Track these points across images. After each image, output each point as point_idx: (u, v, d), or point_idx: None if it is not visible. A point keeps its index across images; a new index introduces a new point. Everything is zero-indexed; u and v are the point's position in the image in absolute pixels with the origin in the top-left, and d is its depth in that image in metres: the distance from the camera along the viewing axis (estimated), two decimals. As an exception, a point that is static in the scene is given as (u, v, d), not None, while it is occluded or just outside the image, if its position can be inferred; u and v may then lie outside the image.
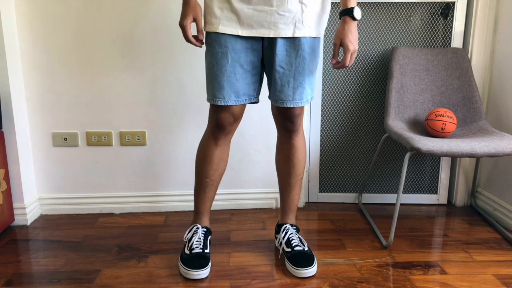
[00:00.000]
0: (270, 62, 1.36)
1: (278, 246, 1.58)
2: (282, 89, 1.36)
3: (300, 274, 1.43)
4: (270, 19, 1.29)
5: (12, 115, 1.78)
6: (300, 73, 1.35)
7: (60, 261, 1.55)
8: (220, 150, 1.49)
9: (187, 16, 1.33)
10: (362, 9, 1.96)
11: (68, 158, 1.96)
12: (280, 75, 1.35)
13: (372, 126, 2.07)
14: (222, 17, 1.31)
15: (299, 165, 1.52)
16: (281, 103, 1.38)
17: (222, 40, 1.32)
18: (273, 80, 1.37)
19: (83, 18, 1.83)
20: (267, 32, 1.31)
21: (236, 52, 1.33)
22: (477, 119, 1.84)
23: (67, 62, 1.87)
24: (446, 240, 1.73)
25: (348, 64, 1.32)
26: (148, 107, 1.93)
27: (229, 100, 1.36)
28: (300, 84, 1.36)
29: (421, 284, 1.39)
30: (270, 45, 1.34)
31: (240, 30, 1.31)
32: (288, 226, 1.57)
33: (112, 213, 2.01)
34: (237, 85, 1.36)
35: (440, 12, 1.97)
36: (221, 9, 1.31)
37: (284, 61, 1.33)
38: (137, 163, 1.98)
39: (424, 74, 1.92)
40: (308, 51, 1.34)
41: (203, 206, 1.56)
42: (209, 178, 1.51)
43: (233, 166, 2.02)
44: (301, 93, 1.37)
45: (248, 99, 1.40)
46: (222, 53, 1.33)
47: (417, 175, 2.12)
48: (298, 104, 1.38)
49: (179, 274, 1.45)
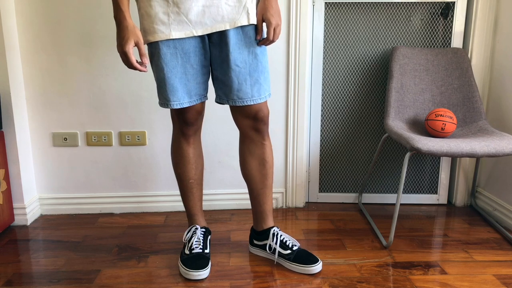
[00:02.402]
0: (222, 62, 1.33)
1: (270, 253, 1.53)
2: (241, 88, 1.33)
3: (310, 271, 1.43)
4: (222, 12, 1.27)
5: (12, 115, 1.79)
6: (255, 69, 1.33)
7: (60, 261, 1.55)
8: (194, 148, 1.48)
9: (129, 41, 1.23)
10: (362, 9, 1.96)
11: (68, 158, 1.96)
12: (236, 73, 1.32)
13: (372, 126, 2.07)
14: (172, 22, 1.26)
15: (272, 163, 1.49)
16: (240, 101, 1.35)
17: (170, 42, 1.29)
18: (228, 80, 1.33)
19: (83, 18, 1.83)
20: (222, 25, 1.28)
21: (185, 53, 1.30)
22: (477, 119, 1.84)
23: (67, 62, 1.87)
24: (446, 240, 1.73)
25: (273, 38, 1.30)
26: (148, 107, 1.93)
27: (184, 102, 1.34)
28: (257, 80, 1.34)
29: (421, 284, 1.39)
30: (220, 42, 1.31)
31: (194, 31, 1.28)
32: (276, 229, 1.53)
33: (112, 213, 2.01)
34: (189, 85, 1.34)
35: (440, 12, 1.97)
36: (167, 14, 1.26)
37: (239, 59, 1.31)
38: (137, 163, 1.98)
39: (424, 74, 1.92)
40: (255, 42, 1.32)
41: (195, 208, 1.55)
42: (192, 178, 1.50)
43: (233, 166, 2.02)
44: (259, 89, 1.35)
45: (199, 99, 1.38)
46: (172, 54, 1.29)
47: (417, 175, 2.12)
48: (257, 101, 1.36)
49: (179, 274, 1.45)
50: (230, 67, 1.31)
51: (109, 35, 1.85)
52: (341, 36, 1.98)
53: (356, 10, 1.96)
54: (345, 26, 1.97)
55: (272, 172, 1.51)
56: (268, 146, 1.48)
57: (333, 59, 2.00)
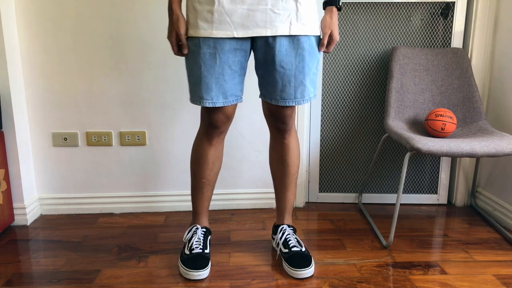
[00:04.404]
0: (267, 62, 1.35)
1: (275, 247, 1.58)
2: (284, 89, 1.36)
3: (297, 275, 1.42)
4: (266, 18, 1.28)
5: (12, 115, 1.79)
6: (301, 71, 1.34)
7: (60, 261, 1.55)
8: (215, 149, 1.49)
9: (172, 32, 1.33)
10: (362, 9, 1.96)
11: (68, 158, 1.96)
12: (281, 75, 1.34)
13: (372, 126, 2.07)
14: (215, 21, 1.28)
15: (293, 165, 1.52)
16: (283, 102, 1.37)
17: (211, 41, 1.30)
18: (273, 80, 1.36)
19: (83, 18, 1.83)
20: (264, 31, 1.30)
21: (224, 53, 1.31)
22: (477, 119, 1.84)
23: (67, 62, 1.87)
24: (446, 240, 1.73)
25: (328, 50, 1.39)
26: (148, 107, 1.93)
27: (217, 102, 1.35)
28: (301, 82, 1.36)
29: (421, 284, 1.39)
30: (266, 45, 1.33)
31: (235, 32, 1.29)
32: (285, 227, 1.56)
33: (112, 213, 2.01)
34: (225, 86, 1.35)
35: (440, 12, 1.97)
36: (211, 12, 1.28)
37: (285, 60, 1.32)
38: (137, 163, 1.98)
39: (424, 74, 1.92)
40: (308, 50, 1.34)
41: (201, 207, 1.56)
42: (206, 178, 1.51)
43: (233, 166, 2.02)
44: (303, 91, 1.37)
45: (236, 100, 1.40)
46: (211, 54, 1.31)
47: (417, 175, 2.12)
48: (300, 102, 1.38)
49: (179, 274, 1.45)
50: (275, 68, 1.33)
51: (109, 35, 1.85)
52: (341, 36, 1.98)
53: (356, 10, 1.96)
54: (345, 26, 1.97)
55: (290, 172, 1.53)
56: (288, 146, 1.50)
57: (333, 59, 2.01)
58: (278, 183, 1.56)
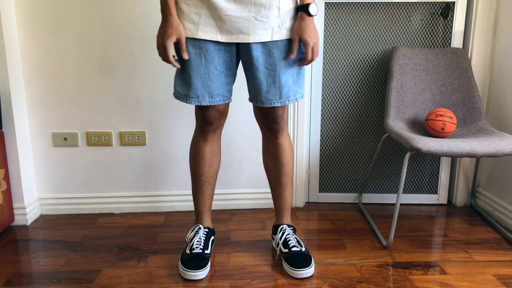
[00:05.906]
0: (251, 65, 1.36)
1: (275, 247, 1.58)
2: (269, 90, 1.36)
3: (297, 274, 1.43)
4: (249, 25, 1.30)
5: (12, 115, 1.79)
6: (284, 73, 1.35)
7: (60, 261, 1.55)
8: (211, 146, 1.50)
9: (171, 37, 1.29)
10: (362, 9, 1.96)
11: (68, 158, 1.96)
12: (265, 75, 1.35)
13: (372, 126, 2.07)
14: (200, 23, 1.31)
15: (288, 163, 1.53)
16: (268, 103, 1.38)
17: (196, 42, 1.32)
18: (257, 82, 1.37)
19: (83, 18, 1.83)
20: (246, 37, 1.32)
21: (210, 53, 1.33)
22: (477, 119, 1.84)
23: (67, 62, 1.87)
24: (446, 240, 1.73)
25: (311, 58, 1.33)
26: (148, 107, 1.93)
27: (203, 100, 1.37)
28: (286, 83, 1.36)
29: (421, 284, 1.39)
30: (246, 49, 1.34)
31: (220, 36, 1.32)
32: (285, 227, 1.57)
33: (112, 213, 2.01)
34: (211, 86, 1.36)
35: (440, 12, 1.97)
36: (198, 15, 1.30)
37: (268, 61, 1.34)
38: (137, 163, 1.98)
39: (424, 74, 1.92)
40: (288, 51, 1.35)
41: (202, 205, 1.57)
42: (204, 175, 1.52)
43: (233, 166, 2.02)
44: (288, 92, 1.38)
45: (223, 100, 1.40)
46: (196, 54, 1.33)
47: (417, 175, 2.12)
48: (286, 102, 1.39)
49: (179, 274, 1.45)
50: (260, 69, 1.35)
51: (109, 34, 1.85)
52: (341, 36, 1.98)
53: (356, 10, 1.96)
54: (345, 26, 1.97)
55: (285, 171, 1.53)
56: (281, 145, 1.50)
57: (333, 59, 2.01)
58: (275, 184, 1.56)
